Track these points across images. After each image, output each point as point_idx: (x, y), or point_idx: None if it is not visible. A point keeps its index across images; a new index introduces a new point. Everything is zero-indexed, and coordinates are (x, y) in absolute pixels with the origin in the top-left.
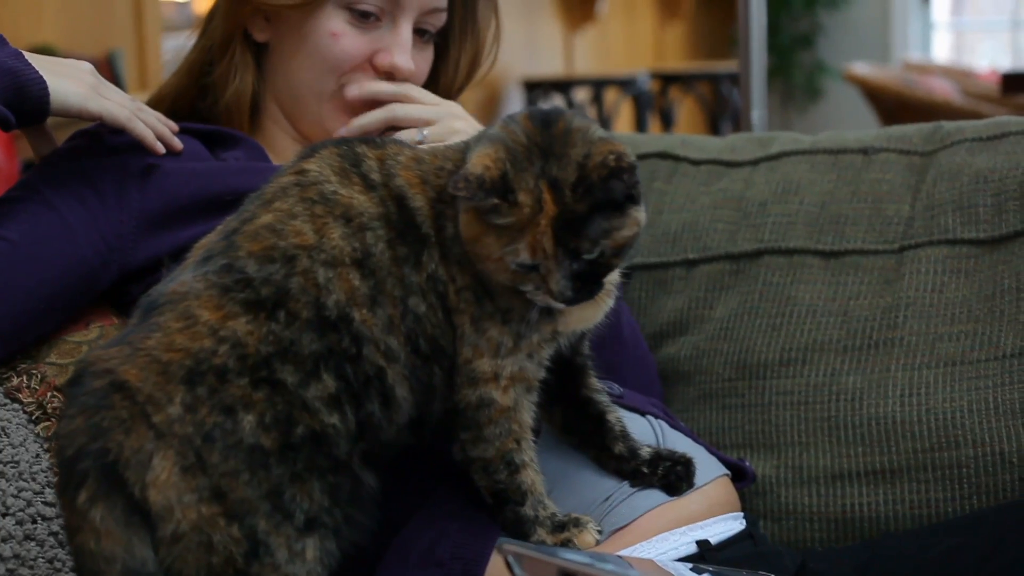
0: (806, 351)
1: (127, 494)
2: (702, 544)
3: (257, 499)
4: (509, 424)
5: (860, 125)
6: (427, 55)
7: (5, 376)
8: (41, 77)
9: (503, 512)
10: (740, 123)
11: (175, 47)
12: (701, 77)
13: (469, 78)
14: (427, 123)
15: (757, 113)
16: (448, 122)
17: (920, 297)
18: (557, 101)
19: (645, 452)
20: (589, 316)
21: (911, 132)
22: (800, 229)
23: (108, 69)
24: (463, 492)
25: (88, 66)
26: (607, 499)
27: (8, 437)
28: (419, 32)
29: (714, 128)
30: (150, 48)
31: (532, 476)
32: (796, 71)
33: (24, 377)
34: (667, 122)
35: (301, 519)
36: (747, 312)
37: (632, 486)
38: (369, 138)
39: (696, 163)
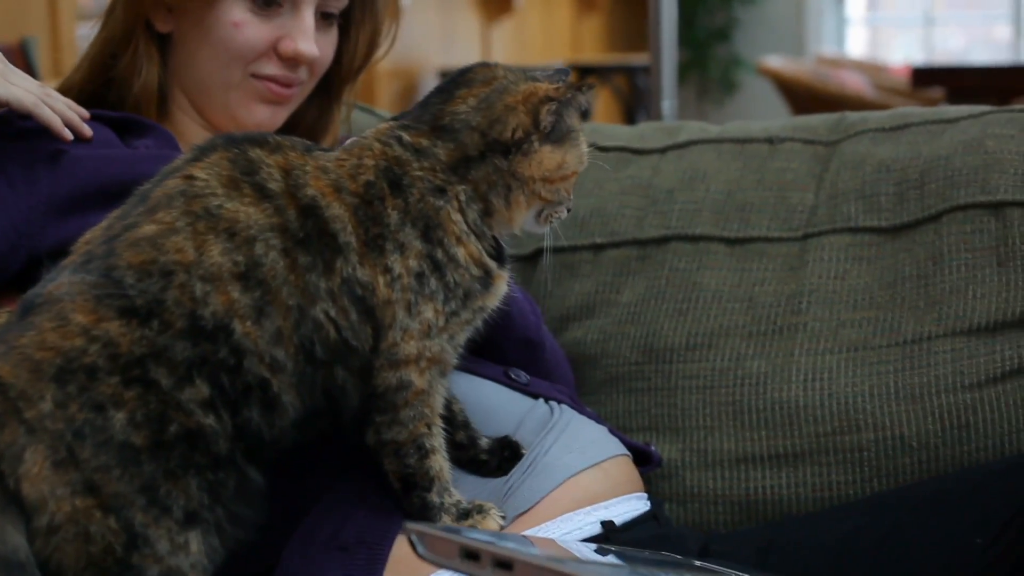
0: (711, 336)
1: (3, 485)
2: (606, 524)
3: (131, 493)
4: (422, 408)
5: (774, 118)
6: (331, 38)
7: None
8: None
9: (410, 498)
10: (653, 115)
11: (89, 35)
12: (617, 69)
13: (368, 58)
14: None
15: (668, 103)
16: None
17: (823, 284)
18: None
19: (484, 442)
20: (502, 291)
21: (816, 122)
22: (706, 216)
23: (22, 57)
24: (368, 479)
25: None
26: (506, 482)
27: None
28: (323, 15)
29: (630, 120)
30: (64, 36)
31: (440, 462)
32: (712, 65)
33: None
34: (583, 114)
35: (180, 514)
36: (654, 297)
37: (469, 472)
38: (261, 137)
39: (605, 150)
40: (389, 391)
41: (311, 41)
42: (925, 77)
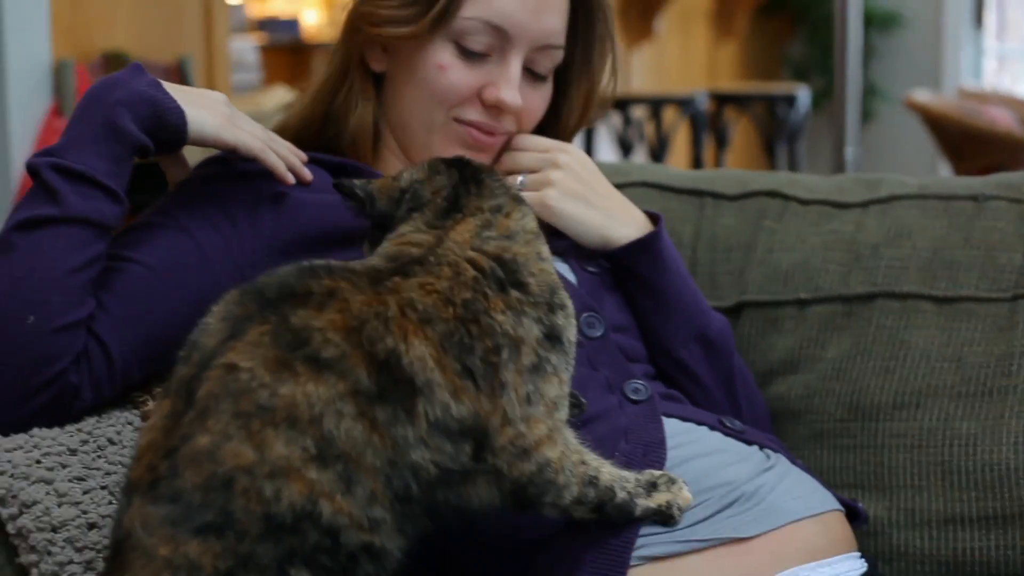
0: (919, 395)
1: None
2: None
3: None
4: (568, 462)
5: (915, 150)
6: (542, 93)
7: (141, 399)
8: (179, 107)
9: (606, 513)
10: (795, 147)
11: (235, 50)
12: (756, 98)
13: (584, 116)
14: (532, 170)
15: (851, 150)
16: (546, 172)
17: None
18: (614, 119)
19: None
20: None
21: (1020, 180)
22: (913, 274)
23: (179, 75)
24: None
25: (223, 97)
26: (729, 504)
27: None
28: (530, 72)
29: (769, 151)
30: (218, 53)
31: (609, 472)
32: None
33: None
34: (721, 143)
35: None
36: (860, 354)
37: None
38: (304, 288)
39: (805, 203)
40: (534, 477)
41: (515, 91)
42: None
